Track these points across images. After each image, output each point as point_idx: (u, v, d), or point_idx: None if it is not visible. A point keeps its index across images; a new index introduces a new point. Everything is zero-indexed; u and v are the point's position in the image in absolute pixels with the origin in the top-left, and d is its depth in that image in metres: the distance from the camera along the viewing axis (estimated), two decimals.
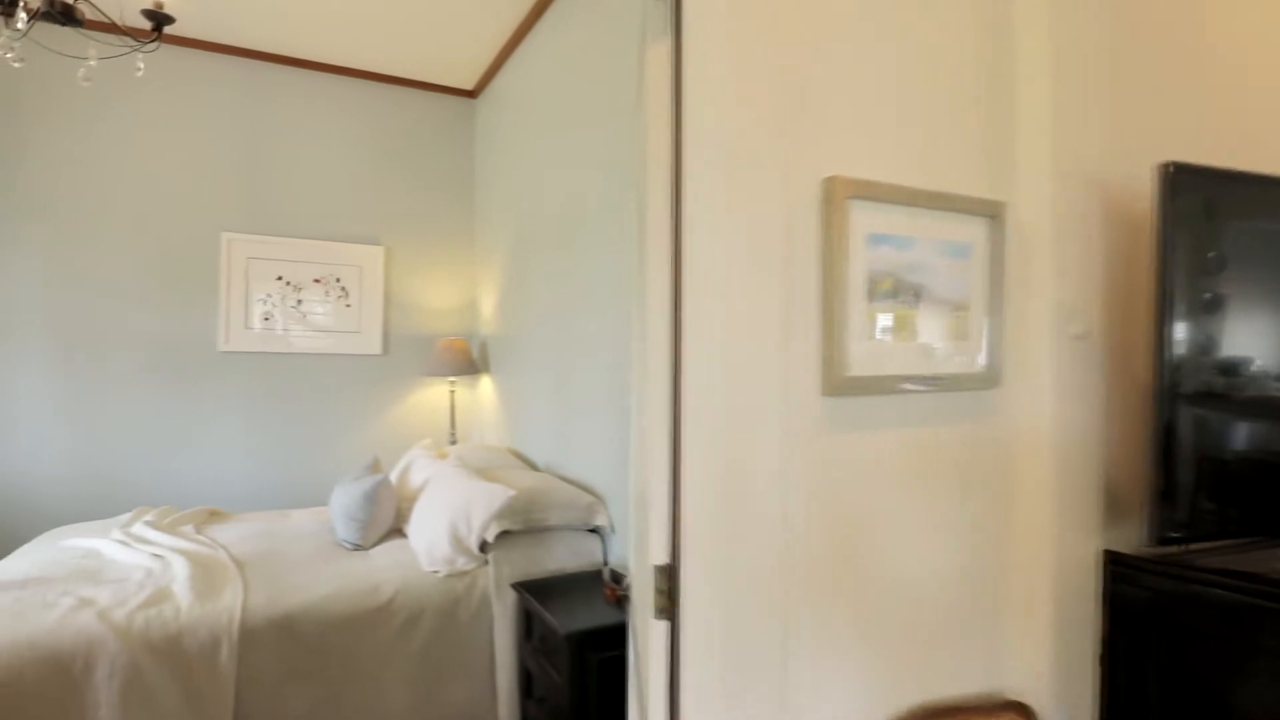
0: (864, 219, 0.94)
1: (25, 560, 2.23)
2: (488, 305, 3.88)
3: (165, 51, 3.37)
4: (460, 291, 4.10)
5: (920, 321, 1.01)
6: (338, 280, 3.76)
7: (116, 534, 2.46)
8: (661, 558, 0.94)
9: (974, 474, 1.10)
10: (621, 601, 1.76)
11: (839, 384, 0.92)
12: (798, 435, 0.92)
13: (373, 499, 2.54)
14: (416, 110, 3.96)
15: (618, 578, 2.21)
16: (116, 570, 2.17)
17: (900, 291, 0.99)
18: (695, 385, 0.90)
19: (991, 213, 1.08)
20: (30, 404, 3.15)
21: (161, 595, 1.99)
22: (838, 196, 0.92)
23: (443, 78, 3.93)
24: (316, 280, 3.71)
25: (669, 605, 0.93)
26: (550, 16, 3.07)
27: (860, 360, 0.95)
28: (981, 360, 1.09)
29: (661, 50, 0.97)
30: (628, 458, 2.38)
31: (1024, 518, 1.13)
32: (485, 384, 3.92)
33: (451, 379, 3.86)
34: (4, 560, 2.29)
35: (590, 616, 1.99)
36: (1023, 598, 1.14)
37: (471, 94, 4.09)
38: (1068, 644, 1.14)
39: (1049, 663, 1.13)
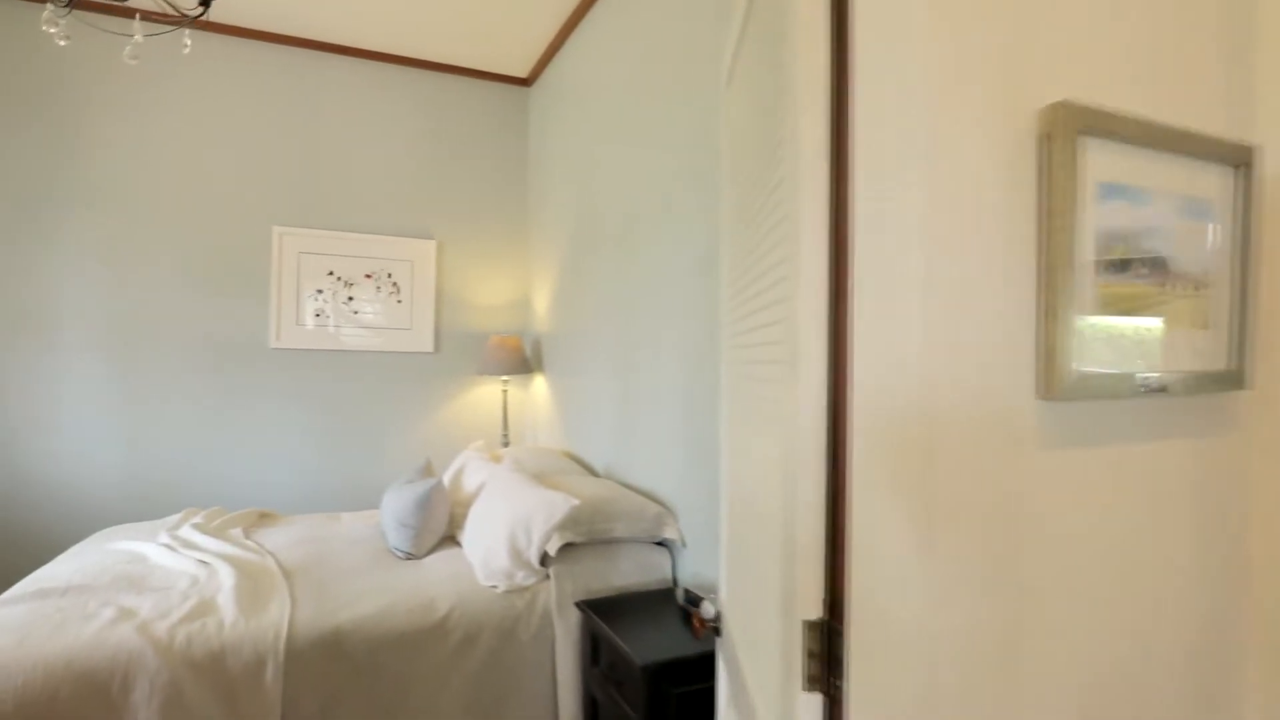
0: (1097, 162, 0.70)
1: (71, 564, 2.13)
2: (542, 301, 3.70)
3: (215, 40, 3.30)
4: (513, 287, 3.94)
5: (1158, 303, 0.76)
6: (389, 276, 3.63)
7: (164, 537, 2.35)
8: (813, 610, 0.71)
9: (1210, 501, 0.84)
10: (707, 632, 1.54)
11: (1064, 384, 0.68)
12: (1006, 453, 0.69)
13: (425, 505, 2.38)
14: (469, 100, 3.82)
15: (694, 599, 1.98)
16: (161, 577, 2.05)
17: (1134, 262, 0.74)
18: (866, 390, 0.67)
19: (1239, 160, 0.82)
20: (79, 401, 3.09)
21: (205, 608, 1.85)
22: (1064, 130, 0.68)
23: (495, 65, 3.78)
24: (368, 276, 3.59)
25: (825, 676, 0.71)
26: None
27: (1089, 354, 0.70)
28: (1225, 355, 0.83)
29: None
30: (703, 466, 2.17)
31: (1271, 561, 0.87)
32: (539, 383, 3.75)
33: (504, 378, 3.70)
34: (51, 563, 2.20)
35: (666, 644, 1.77)
36: (1263, 669, 0.87)
37: (525, 82, 3.93)
38: None
39: None
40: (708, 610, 1.87)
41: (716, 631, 1.46)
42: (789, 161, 0.80)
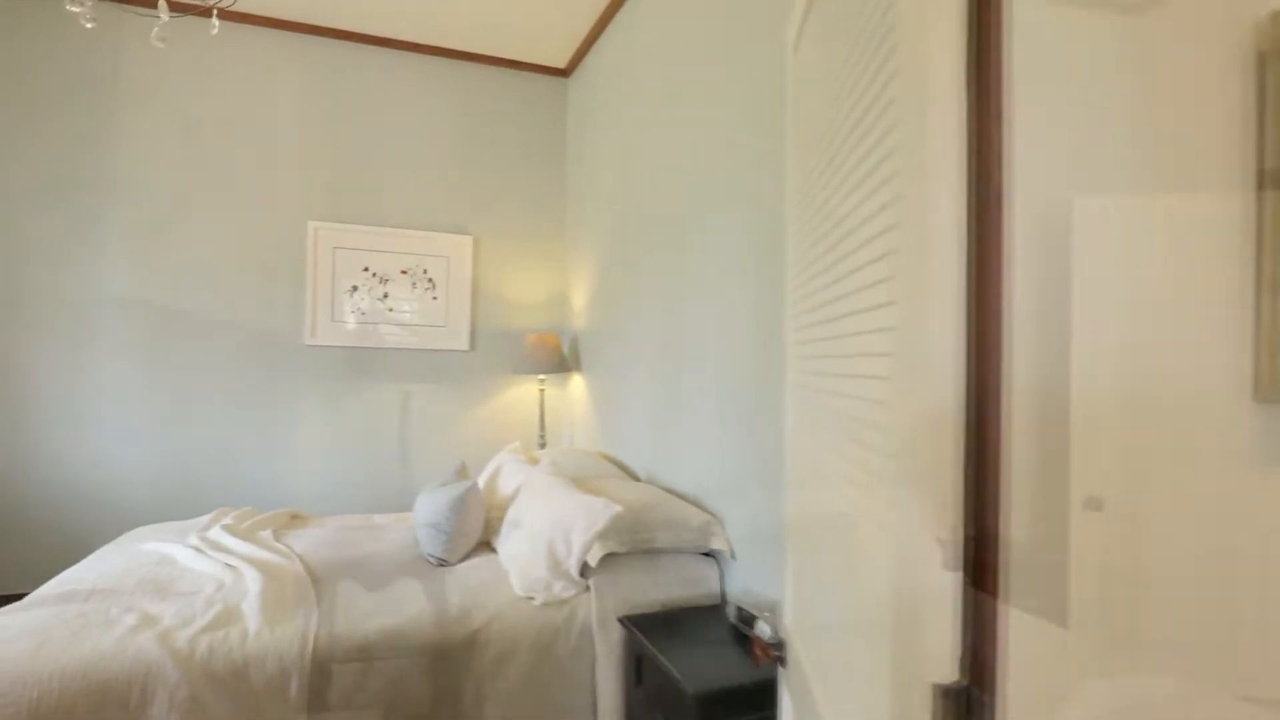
0: None
1: (98, 566, 2.07)
2: (580, 298, 3.57)
3: (248, 31, 3.25)
4: (551, 284, 3.83)
5: None
6: (424, 272, 3.55)
7: (192, 539, 2.27)
8: (947, 672, 0.55)
9: None
10: (768, 659, 1.38)
11: None
12: (1213, 472, 0.52)
13: (459, 509, 2.26)
14: (506, 91, 3.71)
15: (747, 618, 1.82)
16: (187, 581, 1.96)
17: None
18: (1029, 393, 0.51)
19: None
20: (111, 398, 3.07)
21: (229, 616, 1.76)
22: None
23: (533, 56, 3.67)
24: (403, 271, 3.51)
25: None
26: None
27: None
28: None
29: None
30: (755, 472, 2.00)
31: None
32: (577, 383, 3.62)
33: (541, 377, 3.58)
34: (79, 564, 2.14)
35: (718, 668, 1.61)
36: None
37: (564, 73, 3.81)
38: None
39: None
40: (764, 630, 1.70)
41: (780, 660, 1.30)
42: (906, 102, 0.64)
